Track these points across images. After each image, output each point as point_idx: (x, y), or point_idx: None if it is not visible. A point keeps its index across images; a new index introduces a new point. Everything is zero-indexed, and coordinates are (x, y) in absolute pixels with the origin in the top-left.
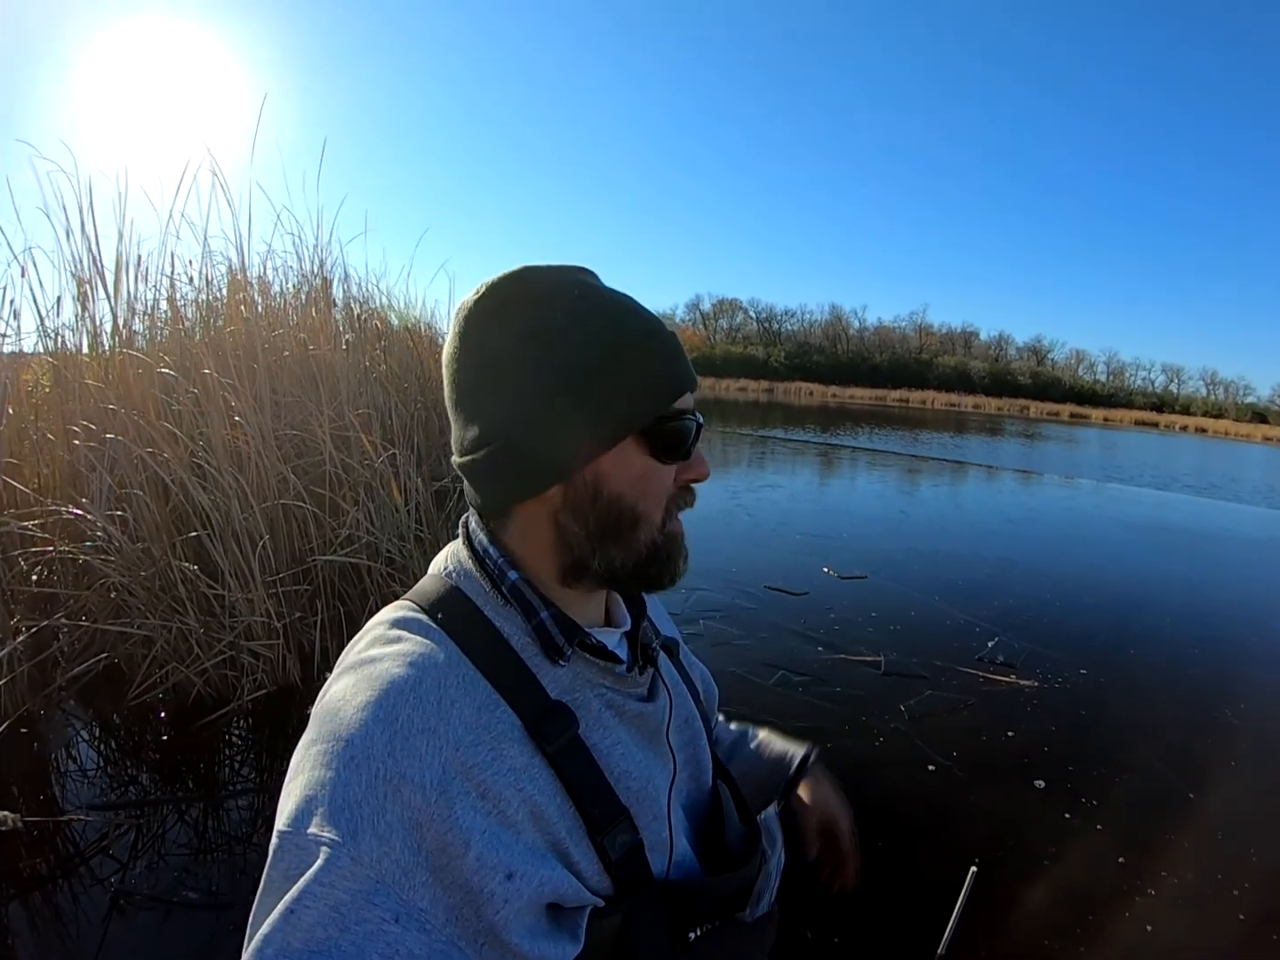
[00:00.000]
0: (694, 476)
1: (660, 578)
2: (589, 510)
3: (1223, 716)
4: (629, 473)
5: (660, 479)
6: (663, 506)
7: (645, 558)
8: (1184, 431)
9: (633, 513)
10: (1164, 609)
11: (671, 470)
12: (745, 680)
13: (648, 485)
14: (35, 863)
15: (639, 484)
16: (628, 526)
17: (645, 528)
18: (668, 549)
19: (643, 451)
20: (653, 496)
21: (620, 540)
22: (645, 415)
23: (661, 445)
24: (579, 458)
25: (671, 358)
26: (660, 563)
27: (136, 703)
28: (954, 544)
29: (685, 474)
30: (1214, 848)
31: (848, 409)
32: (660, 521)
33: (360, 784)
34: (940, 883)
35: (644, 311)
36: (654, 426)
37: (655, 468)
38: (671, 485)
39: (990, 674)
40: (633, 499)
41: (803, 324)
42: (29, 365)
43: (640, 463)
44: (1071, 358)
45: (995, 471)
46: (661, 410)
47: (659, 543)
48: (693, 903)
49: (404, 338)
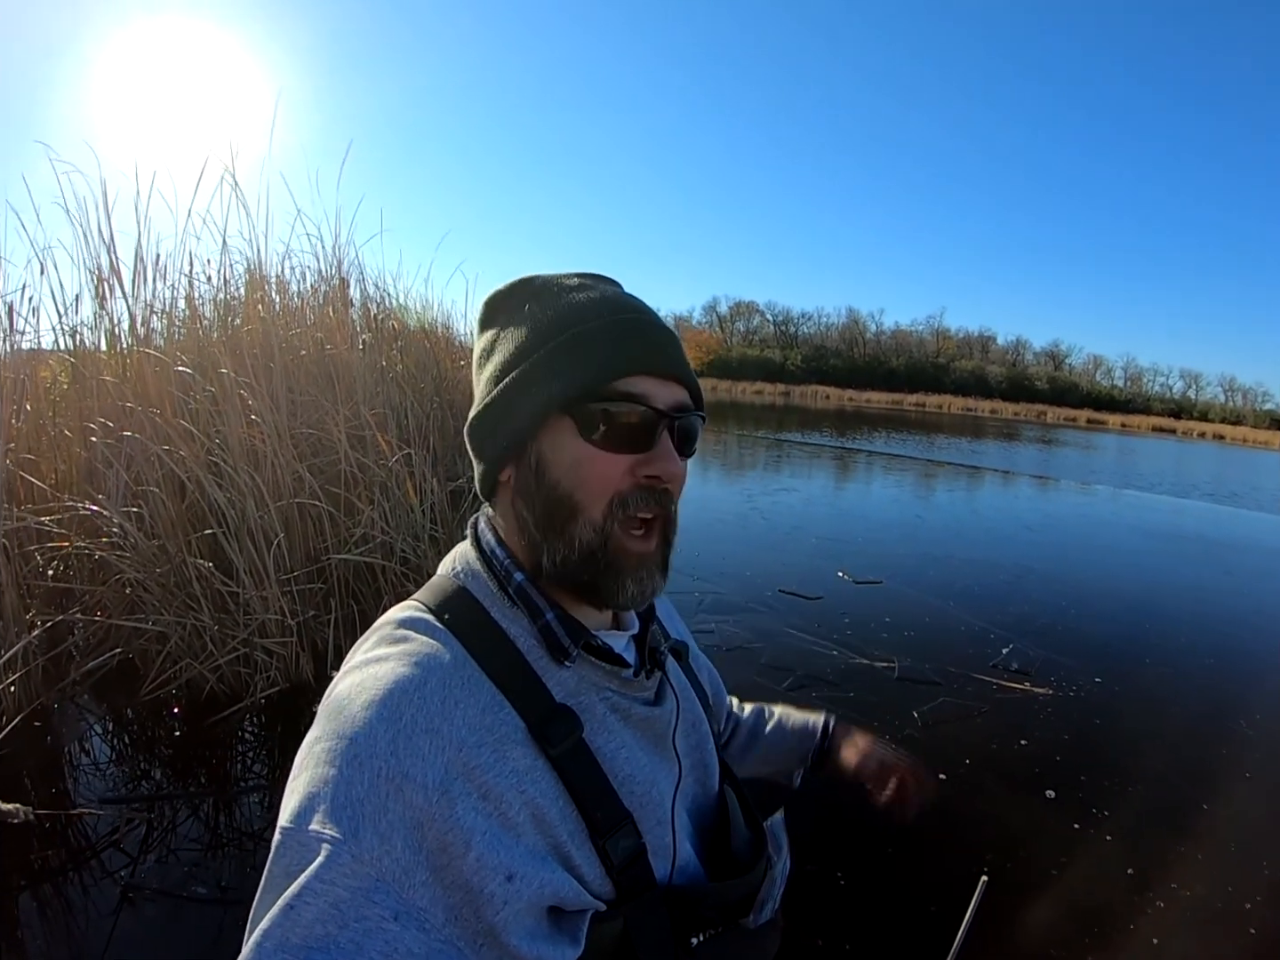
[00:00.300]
0: (654, 472)
1: (597, 586)
2: (534, 495)
3: (1237, 727)
4: (563, 457)
5: (598, 467)
6: (605, 501)
7: (579, 558)
8: (1202, 438)
9: (569, 501)
10: (1180, 618)
11: (620, 461)
12: (756, 684)
13: (581, 472)
14: (46, 855)
15: (572, 470)
16: (564, 517)
17: (581, 520)
18: (608, 558)
19: (575, 434)
20: (590, 485)
21: (560, 532)
22: (571, 392)
23: (591, 427)
24: (515, 435)
25: (625, 338)
26: (596, 570)
27: (150, 698)
28: (970, 550)
29: (642, 469)
30: (1226, 860)
31: (864, 413)
32: (599, 519)
33: (363, 782)
34: (949, 892)
35: (621, 301)
36: (580, 406)
37: (590, 453)
38: (621, 479)
39: (1004, 681)
40: (569, 486)
41: (819, 327)
42: (47, 362)
43: (573, 446)
44: (1089, 363)
45: (1012, 477)
46: (591, 387)
47: (594, 544)
48: (696, 908)
49: (421, 338)
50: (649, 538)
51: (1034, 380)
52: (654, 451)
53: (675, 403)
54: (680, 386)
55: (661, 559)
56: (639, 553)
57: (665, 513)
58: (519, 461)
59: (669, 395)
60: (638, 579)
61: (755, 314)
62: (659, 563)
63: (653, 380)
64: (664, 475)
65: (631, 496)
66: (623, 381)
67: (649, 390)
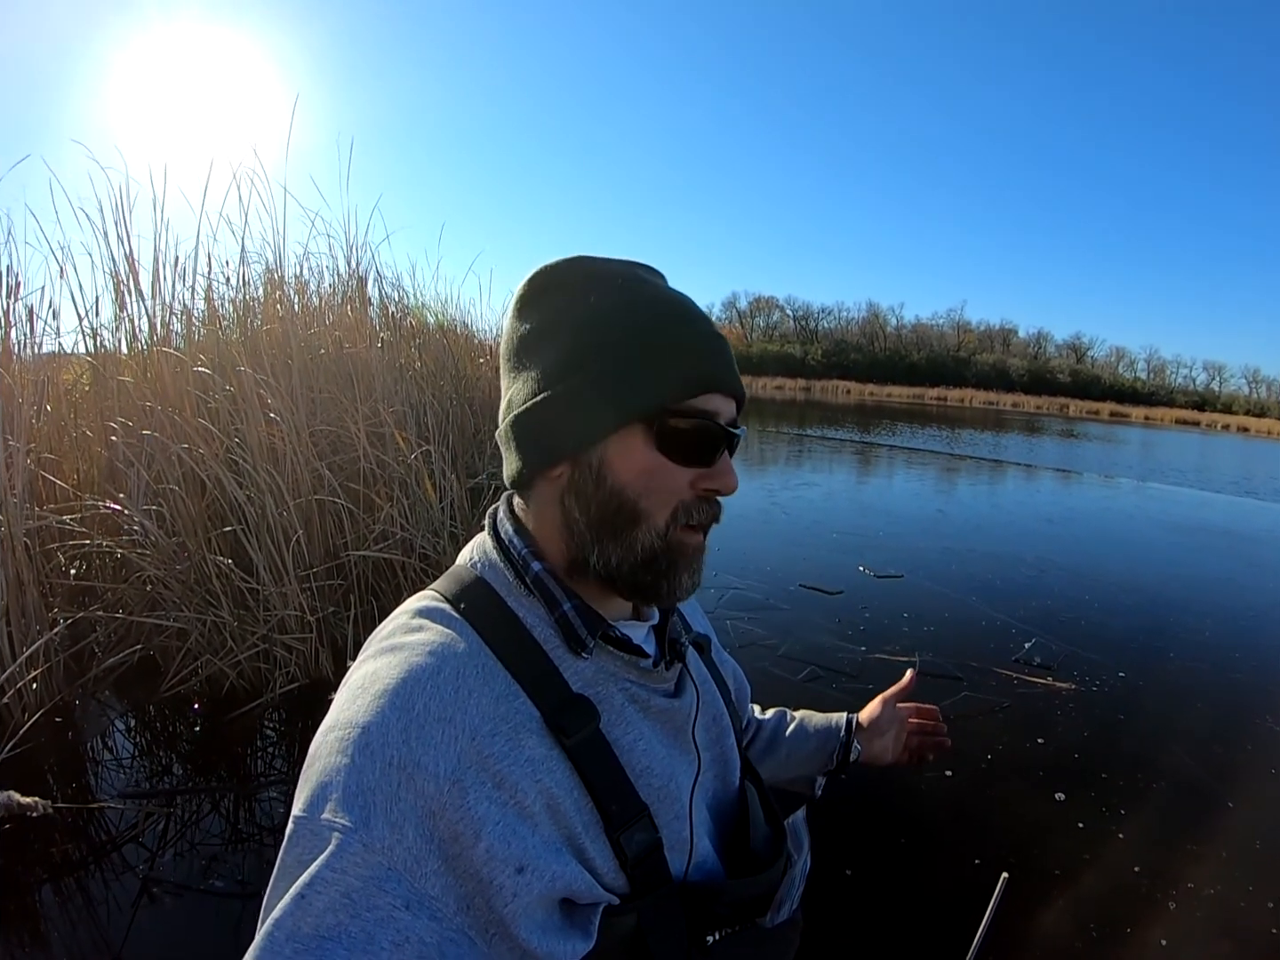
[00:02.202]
0: (714, 487)
1: (657, 587)
2: (591, 497)
3: (1263, 723)
4: (632, 464)
5: (667, 479)
6: (669, 509)
7: (641, 561)
8: (1226, 431)
9: (633, 508)
10: (1206, 612)
11: (686, 473)
12: (773, 675)
13: (651, 482)
14: (67, 848)
15: (642, 479)
16: (626, 522)
17: (645, 528)
18: (669, 558)
19: (649, 444)
20: (657, 495)
21: (618, 536)
22: (652, 404)
23: (669, 441)
24: (582, 437)
25: (703, 355)
26: (658, 571)
27: (170, 694)
28: (991, 544)
29: (704, 482)
30: (1249, 859)
31: (885, 407)
32: (663, 526)
33: (374, 771)
34: (969, 889)
35: (691, 310)
36: (662, 419)
37: (662, 465)
38: (685, 490)
39: (1027, 676)
40: (634, 494)
41: (840, 322)
42: (68, 364)
43: (645, 456)
44: (1111, 355)
45: (1034, 471)
46: (672, 403)
47: (657, 549)
48: (712, 905)
49: (439, 336)
50: (699, 534)
51: (1056, 373)
52: (717, 467)
53: (732, 419)
54: (734, 401)
55: (704, 551)
56: (694, 545)
57: (717, 521)
58: (577, 460)
59: (728, 410)
60: (692, 571)
61: (775, 309)
62: (703, 554)
63: (721, 398)
64: (725, 491)
65: (693, 507)
66: (701, 398)
67: (719, 408)
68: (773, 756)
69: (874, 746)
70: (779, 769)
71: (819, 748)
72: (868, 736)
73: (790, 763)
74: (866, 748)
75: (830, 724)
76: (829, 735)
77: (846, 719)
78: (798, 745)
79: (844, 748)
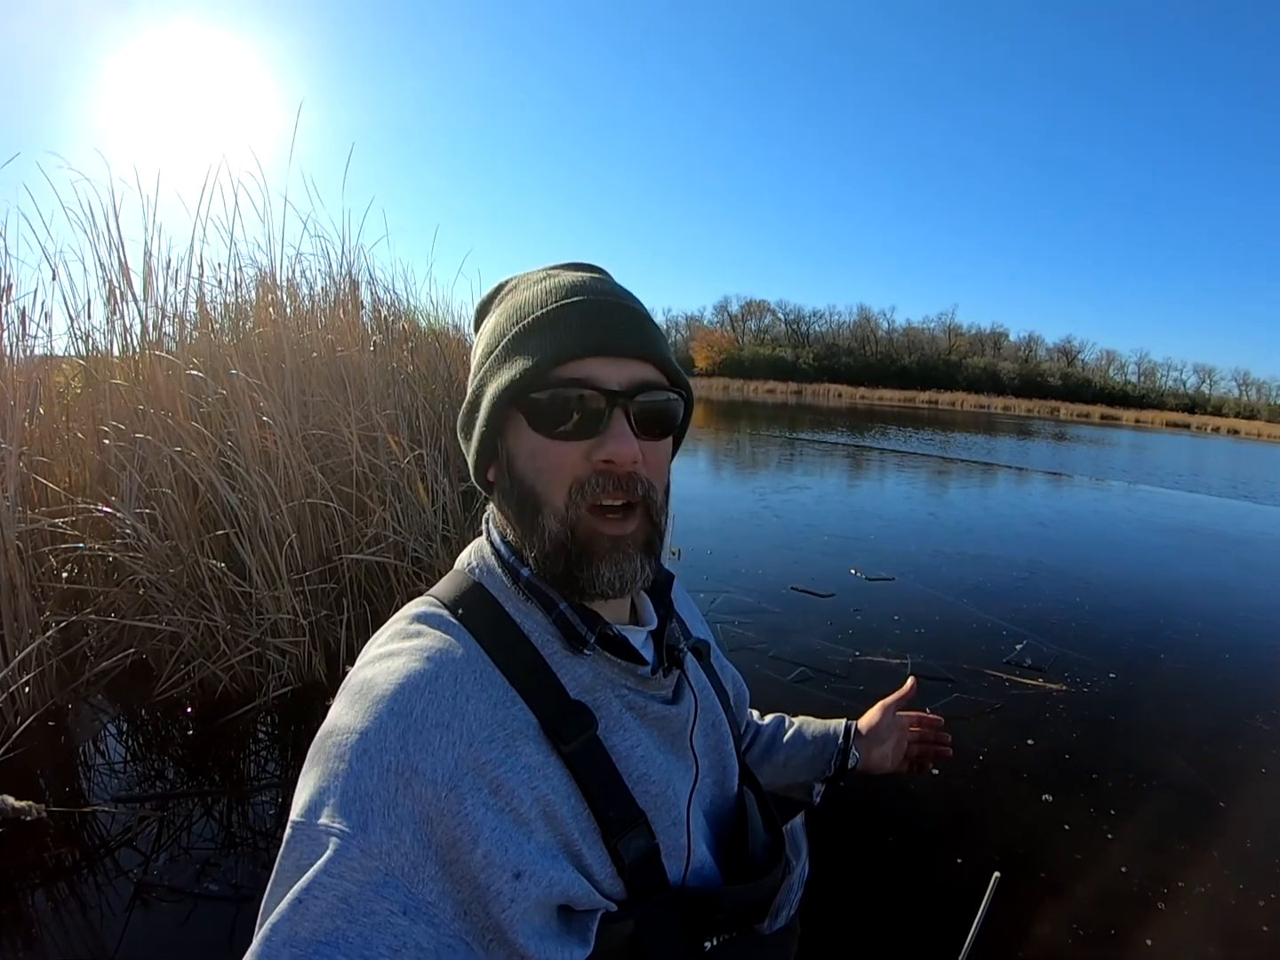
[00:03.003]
0: (603, 455)
1: (574, 579)
2: (509, 493)
3: (1254, 723)
4: (522, 448)
5: (553, 456)
6: (564, 488)
7: (551, 550)
8: (1216, 433)
9: (532, 493)
10: (1196, 614)
11: (574, 448)
12: (764, 676)
13: (538, 462)
14: (60, 853)
15: (530, 461)
16: (531, 510)
17: (545, 511)
18: (579, 546)
19: (526, 425)
20: (547, 474)
21: (531, 526)
22: (517, 385)
23: (537, 416)
24: (484, 435)
25: (562, 322)
26: (569, 560)
27: (163, 698)
28: (982, 546)
29: (597, 453)
30: (1241, 857)
31: (877, 411)
32: (561, 507)
33: (372, 776)
34: (961, 890)
35: (581, 286)
36: (527, 397)
37: (543, 443)
38: (580, 465)
39: (1018, 677)
40: (530, 478)
41: (831, 325)
42: (60, 367)
43: (527, 437)
44: (1102, 358)
45: (1025, 473)
46: (532, 376)
47: (563, 536)
48: (710, 912)
49: (431, 339)
50: (625, 521)
51: (1047, 376)
52: (605, 435)
53: (632, 381)
54: (645, 364)
55: (644, 541)
56: (612, 535)
57: (634, 497)
58: (496, 459)
59: (623, 375)
60: (613, 562)
61: (767, 313)
62: (640, 545)
63: (602, 361)
64: (616, 458)
65: (589, 481)
66: (567, 367)
67: (596, 373)
68: (770, 762)
69: (873, 755)
70: (776, 775)
71: (817, 754)
72: (866, 744)
73: (788, 769)
74: (865, 756)
75: (828, 730)
76: (827, 742)
77: (845, 726)
78: (795, 751)
79: (842, 754)
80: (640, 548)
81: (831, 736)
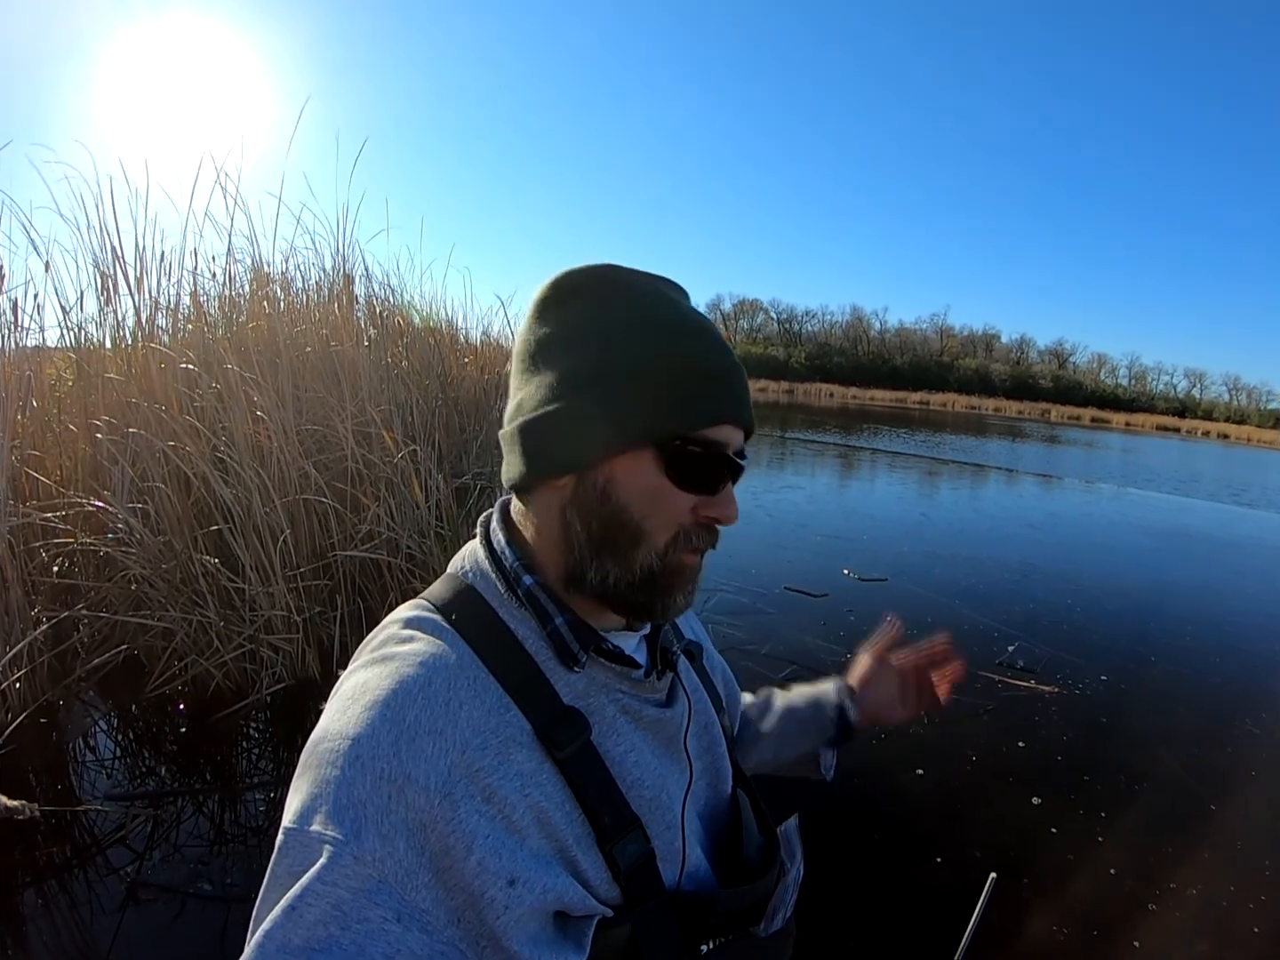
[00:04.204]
0: (715, 515)
1: (651, 607)
2: (594, 512)
3: (1243, 726)
4: (639, 484)
5: (672, 503)
6: (670, 533)
7: (638, 581)
8: (1206, 437)
9: (635, 527)
10: (1186, 616)
11: (689, 499)
12: (755, 673)
13: (657, 504)
14: (52, 851)
15: (647, 500)
16: (627, 541)
17: (645, 548)
18: (666, 579)
19: (658, 467)
20: (659, 518)
21: (617, 554)
22: (664, 429)
23: (678, 467)
24: (591, 452)
25: (718, 384)
26: (654, 591)
27: (155, 694)
28: (974, 548)
29: (706, 510)
30: (1231, 859)
31: (868, 411)
32: (663, 548)
33: (365, 783)
34: (956, 890)
35: (713, 336)
36: (672, 444)
37: (668, 489)
38: (687, 515)
39: (1010, 679)
40: (638, 514)
41: (824, 325)
42: (52, 359)
43: (652, 478)
44: (1093, 362)
45: (1016, 475)
46: (684, 430)
47: (656, 569)
48: (705, 915)
49: (426, 335)
50: (698, 554)
51: (1038, 378)
52: (720, 496)
53: (740, 450)
54: (745, 433)
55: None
56: (691, 567)
57: (714, 546)
58: (583, 473)
59: (738, 443)
60: (686, 593)
61: (759, 312)
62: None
63: (732, 428)
64: (725, 521)
65: (693, 532)
66: (713, 429)
67: (729, 439)
68: (768, 736)
69: (878, 703)
70: (778, 749)
71: (814, 716)
72: (863, 694)
73: (787, 739)
74: (864, 707)
75: (818, 692)
76: (821, 703)
77: (835, 683)
78: (791, 719)
79: (838, 709)
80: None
81: (824, 696)
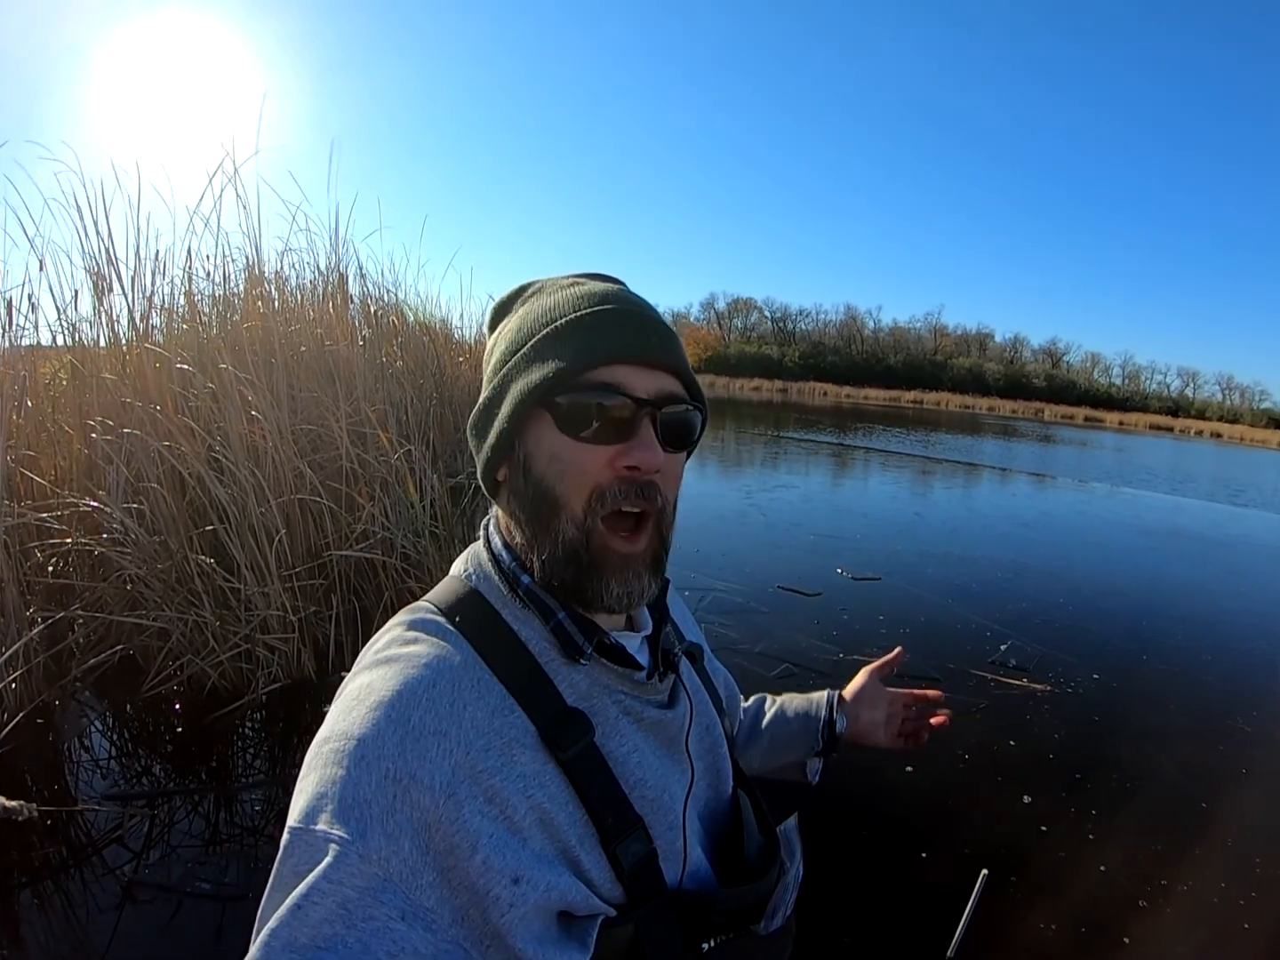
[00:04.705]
0: (630, 462)
1: (582, 589)
2: (523, 493)
3: (1235, 724)
4: (544, 449)
5: (577, 459)
6: (584, 494)
7: (564, 556)
8: (1199, 436)
9: (551, 496)
10: (1179, 615)
11: (597, 452)
12: (748, 672)
13: (562, 465)
14: (48, 852)
15: (553, 463)
16: (548, 512)
17: (564, 517)
18: (590, 557)
19: (552, 426)
20: (569, 478)
21: (544, 529)
22: (546, 384)
23: (567, 419)
24: (505, 432)
25: (603, 329)
26: (579, 568)
27: (151, 694)
28: (967, 547)
29: (621, 459)
30: (1222, 856)
31: (862, 410)
32: (580, 513)
33: (370, 783)
34: (948, 887)
35: (611, 295)
36: (556, 398)
37: (569, 445)
38: (602, 471)
39: (1002, 677)
40: (549, 481)
41: (817, 324)
42: (46, 358)
43: (551, 439)
44: (1087, 361)
45: (1009, 474)
46: (568, 379)
47: (578, 543)
48: (707, 914)
49: (420, 334)
50: (636, 538)
51: (1031, 378)
52: (632, 441)
53: (660, 392)
54: (670, 376)
55: (652, 559)
56: (623, 553)
57: (652, 507)
58: (510, 459)
59: (652, 384)
60: (623, 580)
61: (753, 310)
62: (648, 563)
63: (633, 369)
64: (643, 465)
65: (610, 489)
66: (598, 371)
67: (627, 379)
68: (756, 743)
69: (862, 720)
70: (765, 756)
71: (802, 728)
72: (853, 709)
73: (775, 748)
74: (853, 722)
75: (811, 702)
76: (811, 714)
77: (829, 695)
78: (780, 728)
79: (829, 725)
80: (649, 566)
81: (815, 707)
